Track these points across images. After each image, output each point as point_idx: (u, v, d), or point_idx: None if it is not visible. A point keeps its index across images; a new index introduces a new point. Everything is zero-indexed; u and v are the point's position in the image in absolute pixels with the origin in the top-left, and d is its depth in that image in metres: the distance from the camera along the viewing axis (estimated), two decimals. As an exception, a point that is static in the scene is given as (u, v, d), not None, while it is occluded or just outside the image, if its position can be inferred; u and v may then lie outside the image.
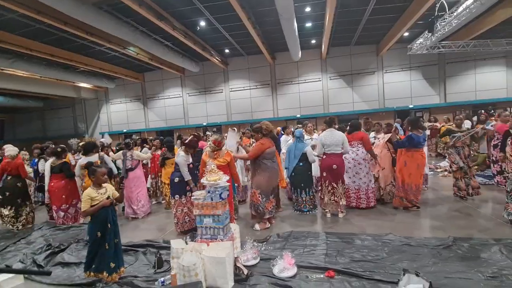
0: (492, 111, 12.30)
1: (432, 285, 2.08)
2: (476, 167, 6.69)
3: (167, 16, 10.46)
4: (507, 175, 3.58)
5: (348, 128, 4.88)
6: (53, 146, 5.70)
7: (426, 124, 9.63)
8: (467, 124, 6.52)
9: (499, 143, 5.05)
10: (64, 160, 4.79)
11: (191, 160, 4.27)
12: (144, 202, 5.22)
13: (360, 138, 4.55)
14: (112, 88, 19.88)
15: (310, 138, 5.75)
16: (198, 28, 12.15)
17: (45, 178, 4.74)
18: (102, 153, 4.77)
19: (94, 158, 4.56)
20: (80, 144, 5.29)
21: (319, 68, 17.10)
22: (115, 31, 10.08)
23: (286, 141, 5.85)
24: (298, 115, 17.13)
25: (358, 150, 4.60)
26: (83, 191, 3.42)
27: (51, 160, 4.81)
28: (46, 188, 4.72)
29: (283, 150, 5.62)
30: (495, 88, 15.31)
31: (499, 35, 12.85)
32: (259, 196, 3.95)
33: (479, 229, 3.65)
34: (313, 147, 4.84)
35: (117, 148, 6.45)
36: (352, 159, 4.61)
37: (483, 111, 10.52)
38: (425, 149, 5.71)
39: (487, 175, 6.17)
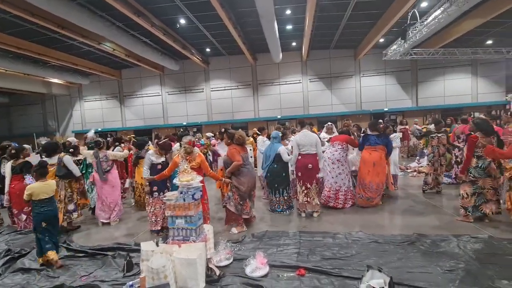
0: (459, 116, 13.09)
1: (392, 280, 2.19)
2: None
3: (145, 12, 10.16)
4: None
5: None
6: (14, 145, 5.30)
7: (398, 127, 10.10)
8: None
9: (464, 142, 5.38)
10: (25, 159, 4.50)
11: (161, 160, 4.21)
12: (119, 206, 4.89)
13: (343, 139, 4.90)
14: (86, 85, 18.99)
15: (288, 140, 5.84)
16: (178, 26, 11.92)
17: (6, 179, 4.42)
18: (62, 155, 4.49)
19: (53, 160, 4.32)
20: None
21: (299, 70, 17.39)
22: (88, 25, 9.62)
23: (263, 141, 5.87)
24: (279, 116, 17.31)
25: (336, 151, 4.86)
26: None
27: (12, 160, 4.51)
28: (6, 190, 4.40)
29: (262, 149, 5.62)
30: (461, 94, 16.37)
31: (465, 44, 13.79)
32: (238, 198, 3.98)
33: (441, 226, 3.90)
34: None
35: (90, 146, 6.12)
36: (328, 158, 4.84)
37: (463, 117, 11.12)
38: (397, 151, 6.00)
39: (451, 176, 6.55)
